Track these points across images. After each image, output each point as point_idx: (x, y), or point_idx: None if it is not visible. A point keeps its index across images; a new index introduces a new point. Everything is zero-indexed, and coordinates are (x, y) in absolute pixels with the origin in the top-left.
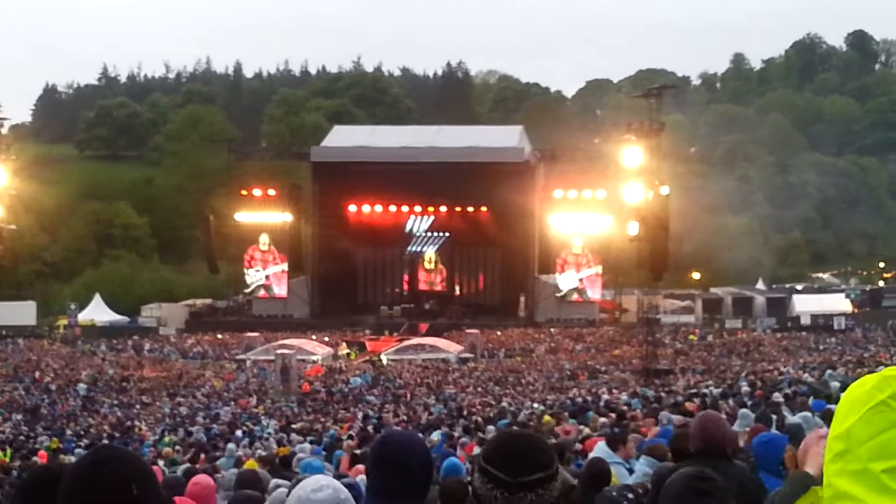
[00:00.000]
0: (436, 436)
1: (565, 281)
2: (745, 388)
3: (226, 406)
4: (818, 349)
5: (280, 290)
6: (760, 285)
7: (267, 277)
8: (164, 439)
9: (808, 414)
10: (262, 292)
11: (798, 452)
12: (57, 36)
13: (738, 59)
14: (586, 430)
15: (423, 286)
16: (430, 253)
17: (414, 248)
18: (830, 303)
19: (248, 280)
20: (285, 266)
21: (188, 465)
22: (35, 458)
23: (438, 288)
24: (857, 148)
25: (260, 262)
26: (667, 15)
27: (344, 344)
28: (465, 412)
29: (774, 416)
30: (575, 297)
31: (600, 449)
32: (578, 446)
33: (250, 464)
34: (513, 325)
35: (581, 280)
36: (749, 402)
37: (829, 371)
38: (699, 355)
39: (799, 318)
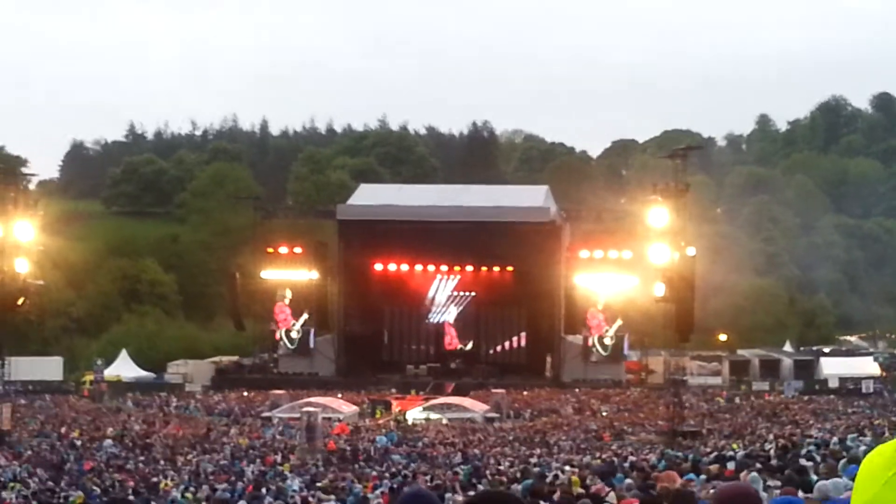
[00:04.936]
0: None
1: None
2: (772, 451)
3: (251, 464)
4: (847, 413)
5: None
6: (787, 347)
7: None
8: (188, 496)
9: (839, 480)
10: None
11: None
12: (85, 93)
13: (764, 121)
14: (613, 493)
15: (452, 343)
16: (451, 311)
17: (437, 316)
18: (858, 366)
19: (294, 335)
20: (304, 317)
21: None
22: None
23: (463, 346)
24: (882, 210)
25: (292, 317)
26: (692, 76)
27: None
28: (488, 473)
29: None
30: (605, 353)
31: None
32: None
33: None
34: (539, 385)
35: (610, 338)
36: (776, 465)
37: (850, 436)
38: (726, 418)
39: (827, 381)
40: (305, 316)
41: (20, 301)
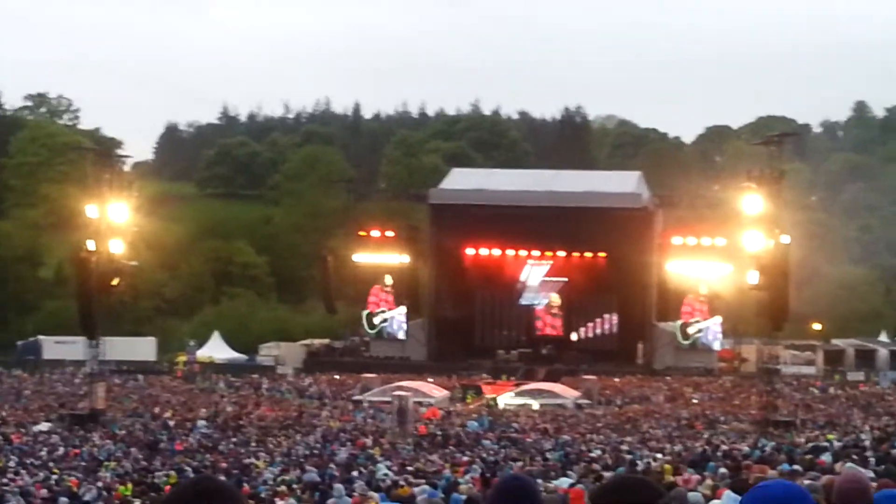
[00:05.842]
0: (563, 483)
1: (689, 326)
2: (867, 442)
3: (342, 447)
4: None
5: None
6: (883, 337)
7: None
8: (280, 478)
9: None
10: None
11: None
12: (179, 75)
13: (861, 108)
14: (708, 481)
15: (544, 328)
16: (553, 297)
17: (528, 300)
18: None
19: (376, 321)
20: (403, 309)
21: None
22: (153, 495)
23: (555, 332)
24: None
25: (384, 302)
26: (788, 62)
27: (457, 386)
28: (581, 459)
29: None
30: (696, 342)
31: (728, 497)
32: (699, 496)
33: None
34: (630, 372)
35: (704, 328)
36: (873, 457)
37: None
38: (820, 408)
39: None
40: (405, 301)
41: (115, 281)
